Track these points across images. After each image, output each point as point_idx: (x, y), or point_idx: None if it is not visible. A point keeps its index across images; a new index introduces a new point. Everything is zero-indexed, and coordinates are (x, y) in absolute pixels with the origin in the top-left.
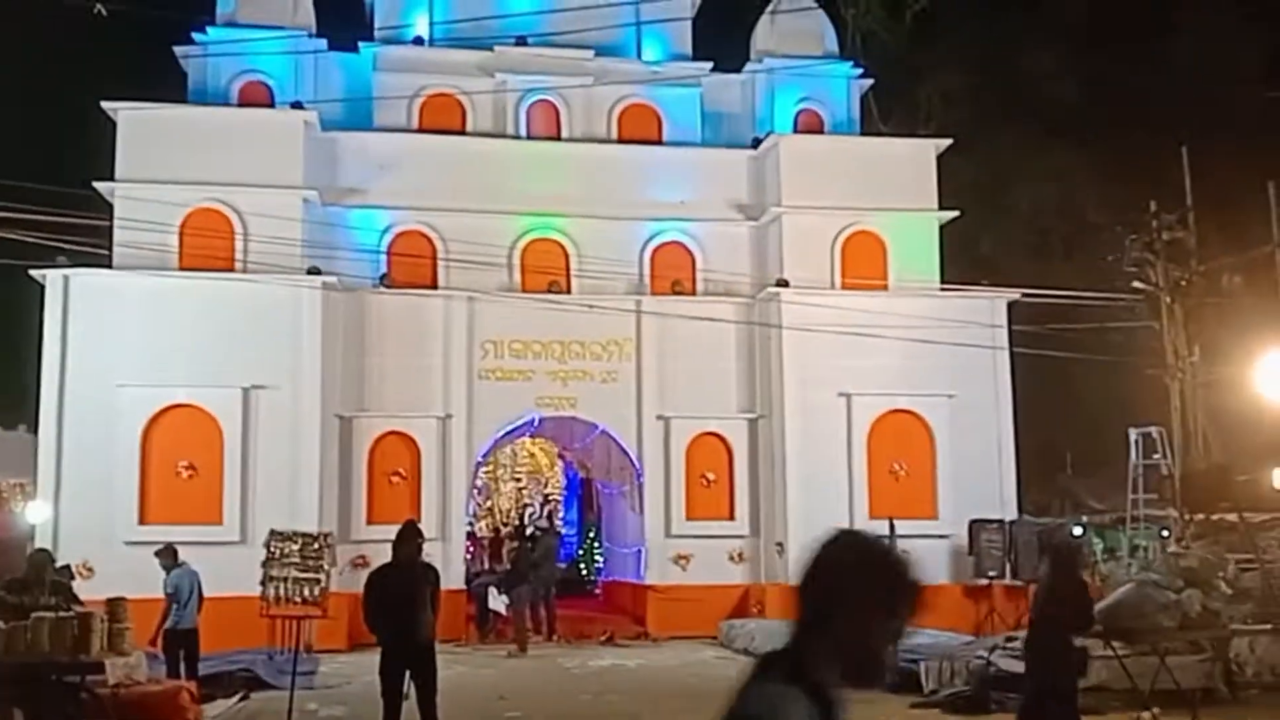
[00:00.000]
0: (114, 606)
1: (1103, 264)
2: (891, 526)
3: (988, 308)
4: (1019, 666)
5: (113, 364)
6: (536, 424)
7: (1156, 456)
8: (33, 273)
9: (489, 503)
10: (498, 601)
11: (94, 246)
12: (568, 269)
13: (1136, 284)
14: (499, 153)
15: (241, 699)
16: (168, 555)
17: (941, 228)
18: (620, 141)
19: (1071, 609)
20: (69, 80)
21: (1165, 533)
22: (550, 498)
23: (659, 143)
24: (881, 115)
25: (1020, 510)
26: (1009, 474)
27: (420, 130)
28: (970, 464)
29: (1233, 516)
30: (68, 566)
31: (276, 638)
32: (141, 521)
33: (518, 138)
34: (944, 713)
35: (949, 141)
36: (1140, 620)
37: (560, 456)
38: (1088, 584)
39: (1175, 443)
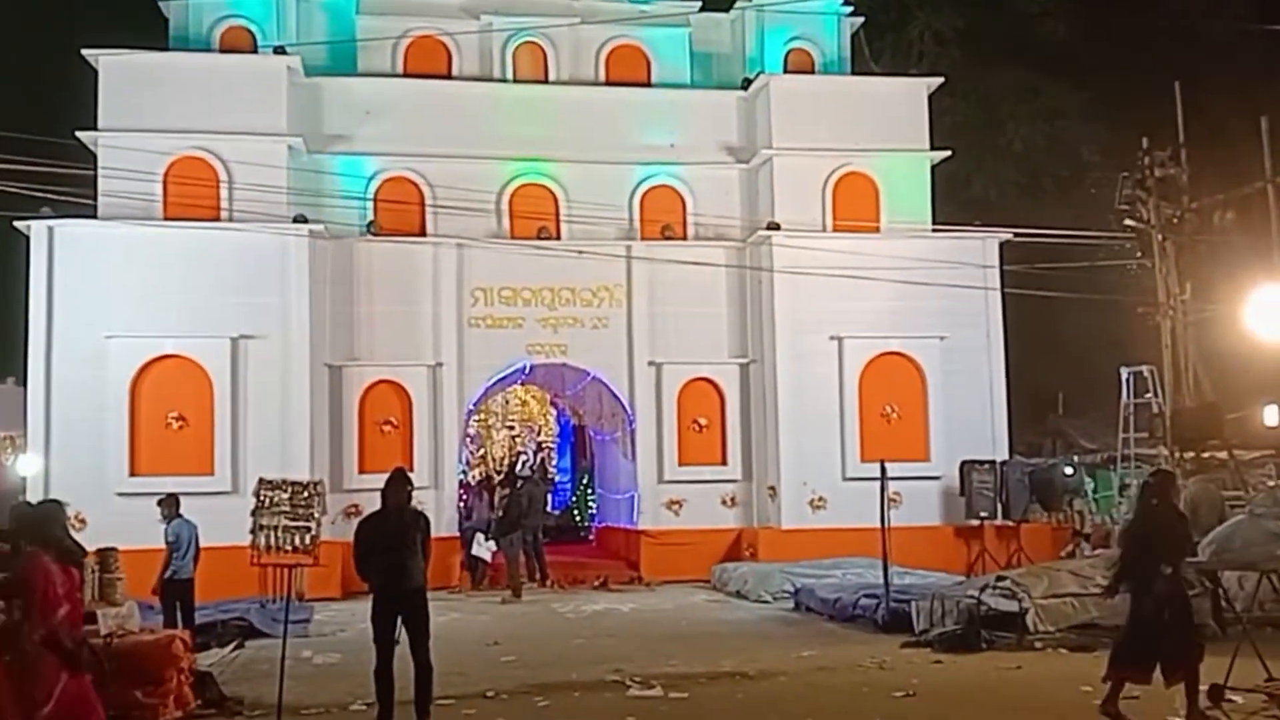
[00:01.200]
0: (105, 557)
1: (1095, 203)
2: (883, 469)
3: (979, 248)
4: (1009, 605)
5: (100, 315)
6: (528, 371)
7: (1148, 395)
8: (17, 224)
9: (481, 451)
10: (482, 548)
11: (79, 197)
12: (557, 214)
13: (1128, 222)
14: (486, 96)
15: (236, 647)
16: (170, 504)
17: (933, 168)
18: (609, 83)
19: (1170, 539)
20: (50, 28)
21: None
22: (543, 445)
23: (648, 84)
24: (872, 55)
25: (1011, 451)
26: (1000, 415)
27: (405, 75)
28: (962, 405)
29: (1223, 454)
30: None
31: (268, 587)
32: (132, 473)
33: (504, 81)
34: (935, 651)
35: (940, 81)
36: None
37: (552, 404)
38: (1185, 515)
39: (1166, 381)
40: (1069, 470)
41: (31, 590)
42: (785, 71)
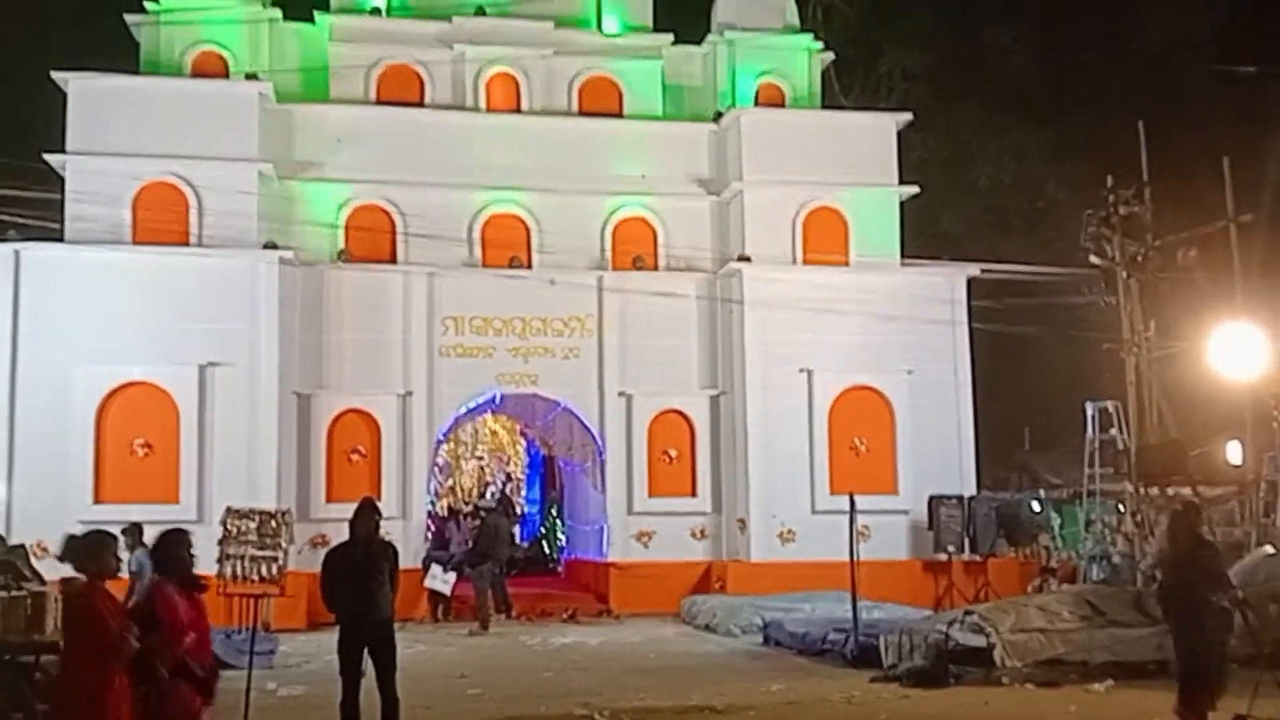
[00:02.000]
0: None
1: (1060, 239)
2: (852, 502)
3: (947, 283)
4: (977, 640)
5: (66, 340)
6: (498, 401)
7: (1112, 431)
8: None
9: (450, 481)
10: (437, 580)
11: (46, 220)
12: (528, 244)
13: (1093, 259)
14: (458, 125)
15: None
16: (133, 534)
17: (902, 203)
18: (581, 114)
19: (1204, 573)
20: (18, 50)
21: (1121, 507)
22: (512, 475)
23: (620, 116)
24: (843, 90)
25: (979, 486)
26: (968, 450)
27: (378, 102)
28: (930, 440)
29: (1187, 490)
30: (21, 546)
31: (234, 616)
32: (96, 500)
33: (477, 110)
34: (903, 686)
35: (909, 117)
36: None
37: (522, 434)
38: (1216, 546)
39: (1131, 417)
40: (1036, 505)
41: (161, 618)
42: (756, 105)
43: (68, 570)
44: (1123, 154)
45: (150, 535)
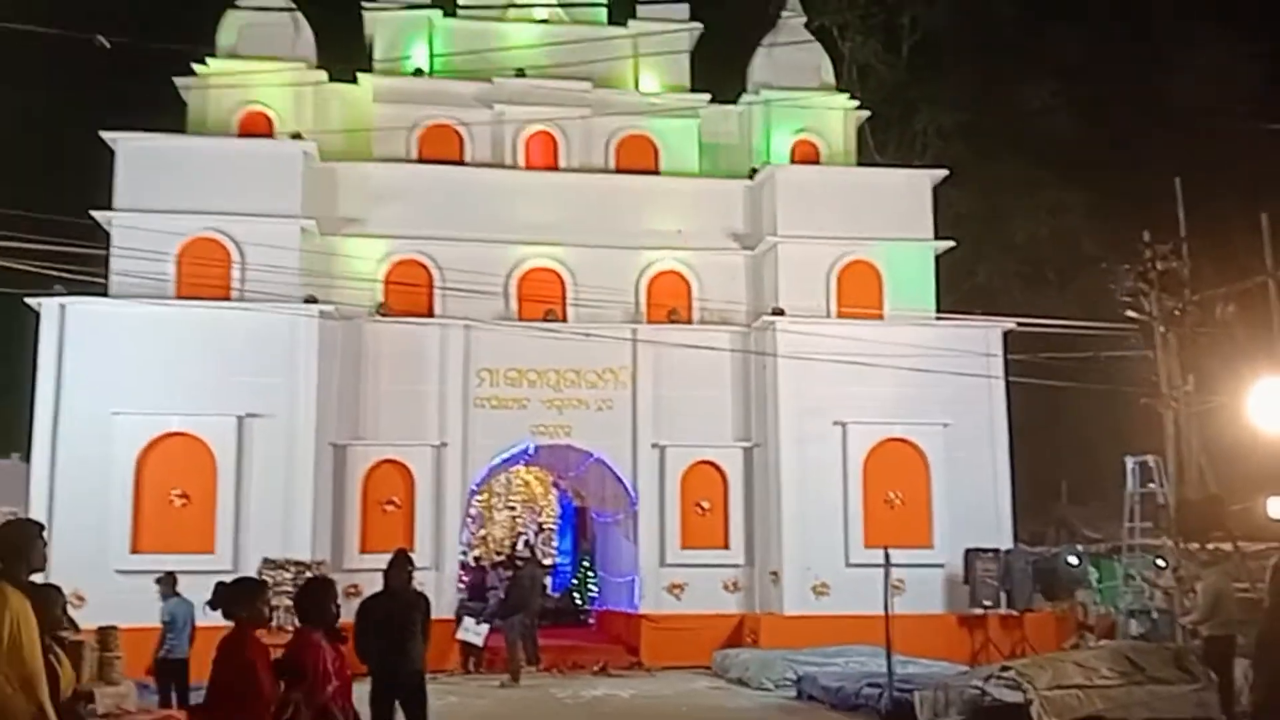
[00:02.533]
0: (105, 635)
1: (1097, 294)
2: (887, 555)
3: (983, 337)
4: (1014, 696)
5: (108, 392)
6: (531, 452)
7: (1152, 485)
8: (29, 300)
9: (483, 531)
10: (470, 633)
11: (91, 275)
12: (564, 297)
13: (1130, 313)
14: (497, 183)
15: None
16: (168, 584)
17: (937, 258)
18: (618, 171)
19: None
20: (69, 110)
21: (1160, 562)
22: (544, 526)
23: (656, 173)
24: (877, 147)
25: (1016, 539)
26: (1004, 503)
27: (419, 160)
28: (966, 493)
29: (1227, 546)
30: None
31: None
32: (134, 550)
33: (515, 168)
34: None
35: (944, 173)
36: None
37: (555, 485)
38: None
39: (1170, 472)
40: (1073, 559)
41: (305, 668)
42: (791, 162)
43: (105, 619)
44: (1159, 209)
45: (185, 585)
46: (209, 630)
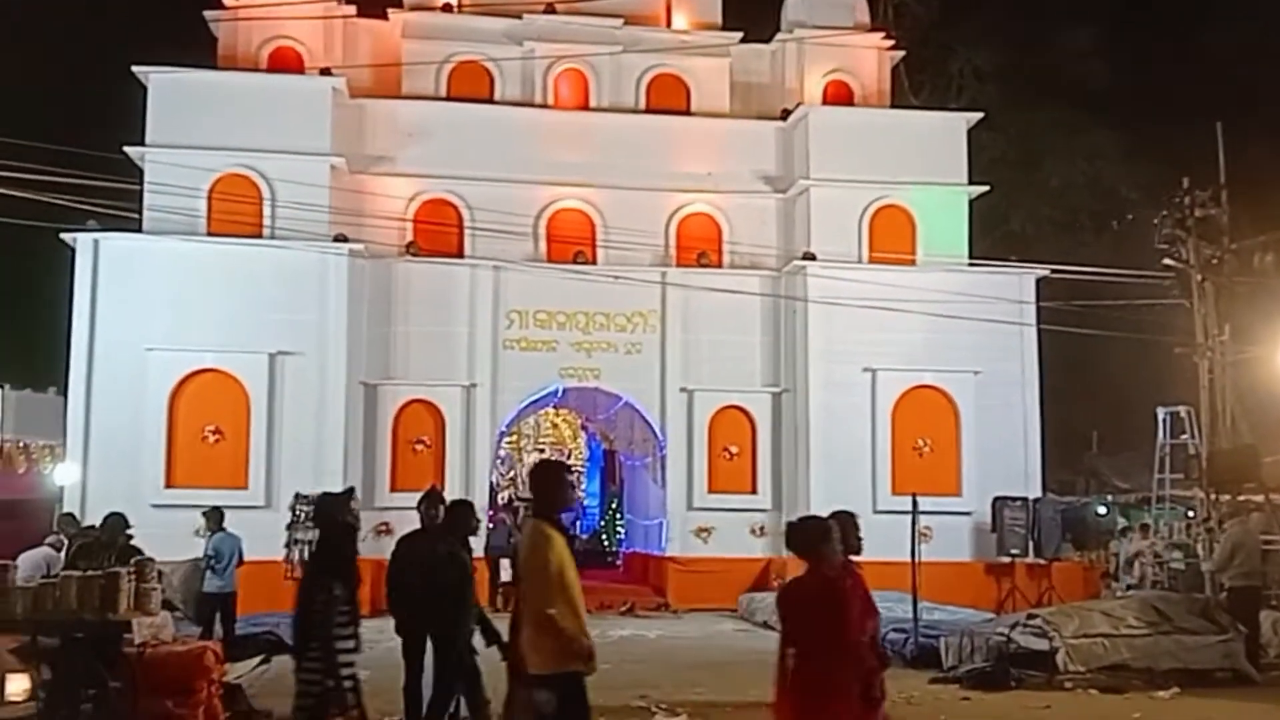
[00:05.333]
0: (141, 567)
1: (1133, 241)
2: (914, 502)
3: (1016, 284)
4: (1039, 644)
5: (141, 328)
6: (560, 394)
7: (1184, 436)
8: (63, 236)
9: (511, 473)
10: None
11: (124, 210)
12: (593, 239)
13: (1167, 261)
14: (527, 121)
15: (263, 661)
16: (214, 518)
17: (971, 203)
18: (648, 111)
19: None
20: (101, 44)
21: (1190, 513)
22: (572, 468)
23: (687, 113)
24: (912, 88)
25: (1044, 489)
26: (1034, 452)
27: (448, 98)
28: (995, 441)
29: (1259, 497)
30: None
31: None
32: (168, 485)
33: (545, 106)
34: (963, 688)
35: (979, 116)
36: None
37: (583, 428)
38: None
39: (1203, 422)
40: (1102, 510)
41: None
42: (824, 103)
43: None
44: (1198, 156)
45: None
46: (245, 565)
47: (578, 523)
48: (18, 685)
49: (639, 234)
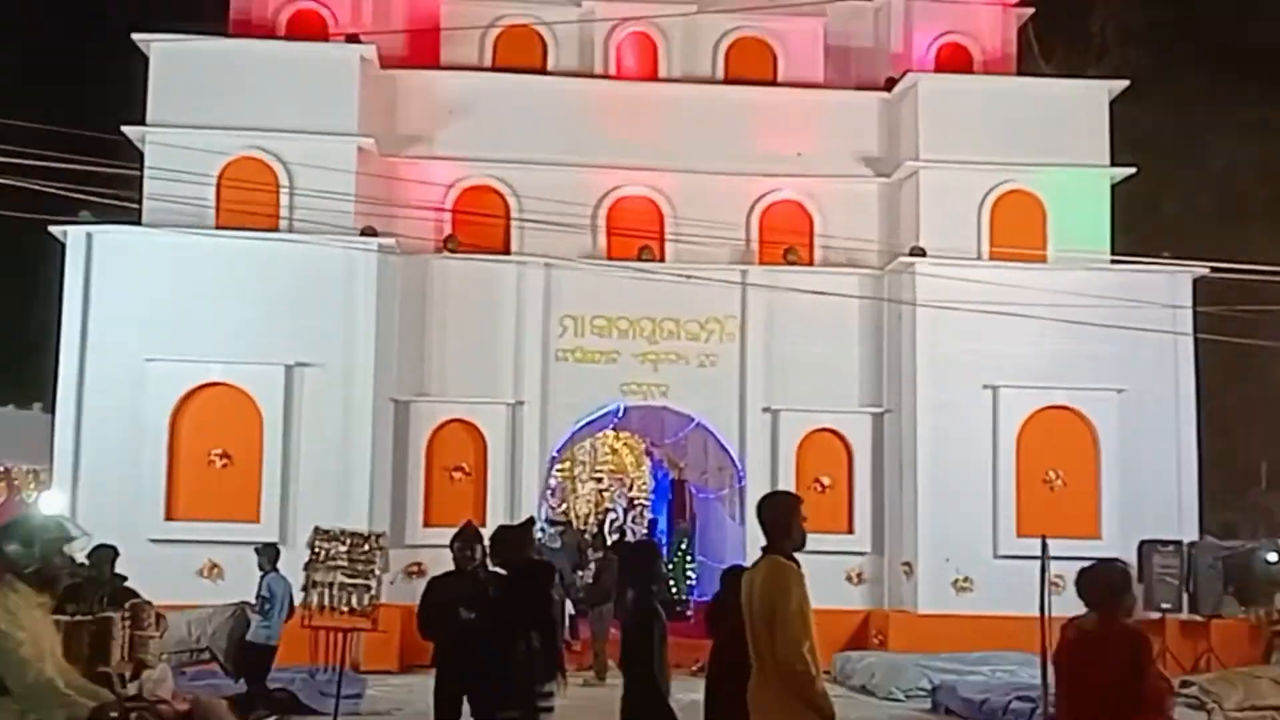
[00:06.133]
0: (137, 611)
1: None
2: (1044, 546)
3: (1168, 284)
4: (1196, 717)
5: (140, 335)
6: (621, 414)
7: None
8: (53, 229)
9: (564, 506)
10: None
11: (122, 200)
12: (662, 233)
13: None
14: (584, 95)
15: None
16: (269, 555)
17: (1114, 188)
18: (727, 82)
19: None
20: (97, 7)
21: None
22: (636, 502)
23: (773, 83)
24: (1043, 52)
25: (1202, 530)
26: (1189, 486)
27: (494, 68)
28: (1142, 473)
29: None
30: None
31: (319, 653)
32: (168, 517)
33: (607, 77)
34: None
35: (1125, 84)
36: None
37: (648, 454)
38: None
39: None
40: (1272, 556)
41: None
42: (937, 70)
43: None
44: None
45: (226, 557)
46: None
47: None
48: None
49: (715, 226)
